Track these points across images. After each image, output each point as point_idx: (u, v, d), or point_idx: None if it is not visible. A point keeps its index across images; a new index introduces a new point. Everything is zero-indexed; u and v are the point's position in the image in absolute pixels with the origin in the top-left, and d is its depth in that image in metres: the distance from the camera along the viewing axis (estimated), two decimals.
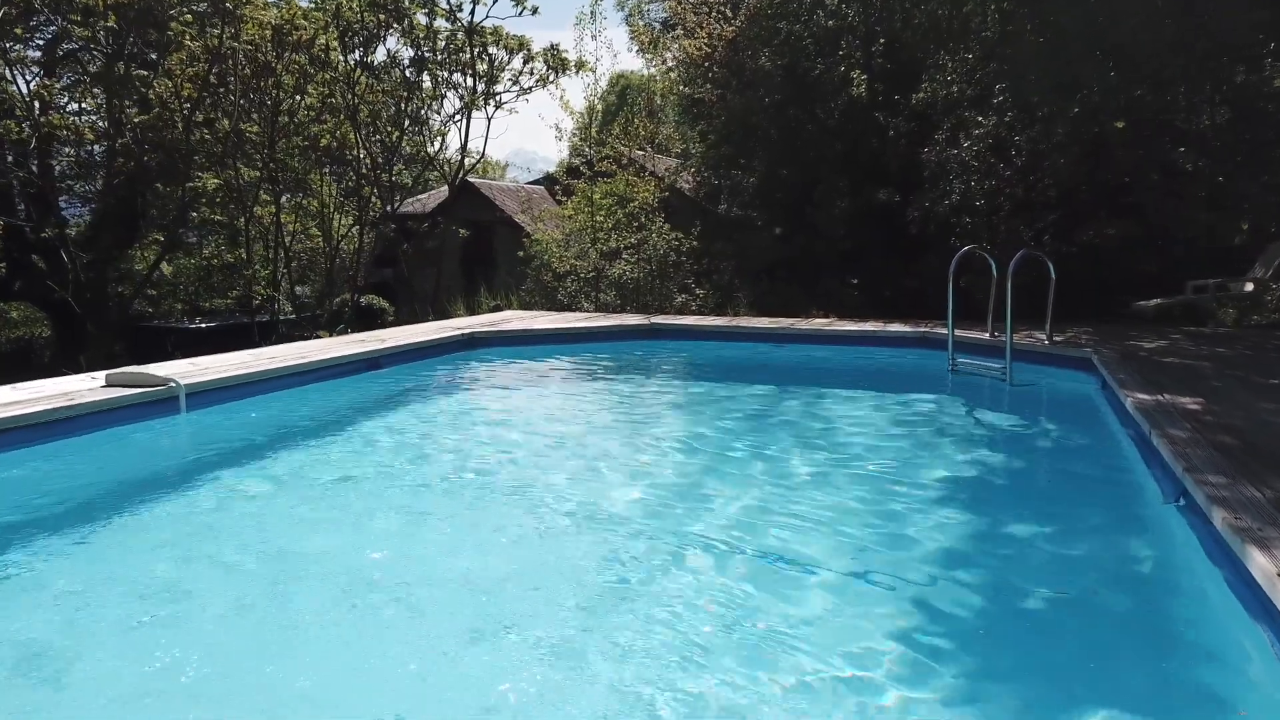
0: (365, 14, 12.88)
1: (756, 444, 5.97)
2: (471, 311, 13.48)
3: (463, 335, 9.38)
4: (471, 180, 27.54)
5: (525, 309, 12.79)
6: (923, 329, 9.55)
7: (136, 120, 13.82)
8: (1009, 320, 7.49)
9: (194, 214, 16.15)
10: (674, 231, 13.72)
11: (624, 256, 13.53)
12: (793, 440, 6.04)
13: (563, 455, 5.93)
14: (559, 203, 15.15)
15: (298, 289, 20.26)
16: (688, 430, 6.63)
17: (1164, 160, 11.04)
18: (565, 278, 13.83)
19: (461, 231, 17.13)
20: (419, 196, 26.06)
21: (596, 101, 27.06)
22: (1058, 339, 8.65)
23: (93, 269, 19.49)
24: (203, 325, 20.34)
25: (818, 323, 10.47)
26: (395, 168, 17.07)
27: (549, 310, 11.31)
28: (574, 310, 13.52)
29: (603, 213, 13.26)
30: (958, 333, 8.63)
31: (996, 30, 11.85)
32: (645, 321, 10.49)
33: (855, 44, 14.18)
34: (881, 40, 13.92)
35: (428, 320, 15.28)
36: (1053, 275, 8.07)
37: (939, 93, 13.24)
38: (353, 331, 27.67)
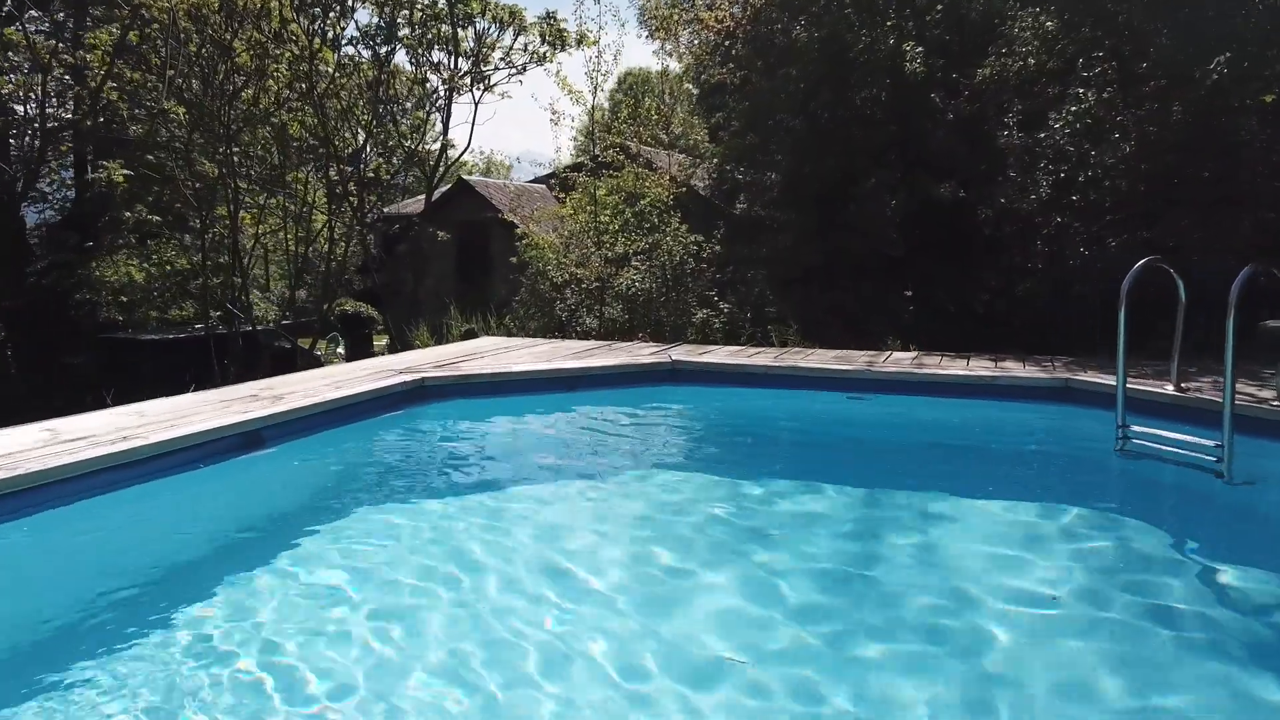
0: None
1: (859, 608, 3.43)
2: (439, 338, 11.29)
3: (406, 385, 6.49)
4: (466, 178, 25.46)
5: (506, 335, 10.54)
6: (1060, 374, 6.50)
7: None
8: (1229, 368, 4.31)
9: (128, 214, 14.06)
10: (692, 234, 11.55)
11: (633, 263, 11.37)
12: (915, 613, 3.35)
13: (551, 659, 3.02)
14: (559, 201, 13.03)
15: (299, 293, 18.15)
16: (750, 576, 3.73)
17: None
18: (564, 288, 11.69)
19: (440, 234, 14.98)
20: (419, 197, 24.00)
21: (603, 98, 24.92)
22: (1190, 383, 6.01)
23: (45, 275, 17.51)
24: (170, 337, 18.28)
25: (901, 360, 7.27)
26: (374, 161, 14.94)
27: (536, 338, 8.77)
28: (572, 331, 11.37)
29: (608, 211, 11.10)
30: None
31: None
32: (664, 359, 7.43)
33: (906, 11, 11.99)
34: (939, 6, 11.72)
35: (414, 336, 13.18)
36: (1182, 297, 5.69)
37: (1010, 66, 11.05)
38: (344, 343, 25.64)
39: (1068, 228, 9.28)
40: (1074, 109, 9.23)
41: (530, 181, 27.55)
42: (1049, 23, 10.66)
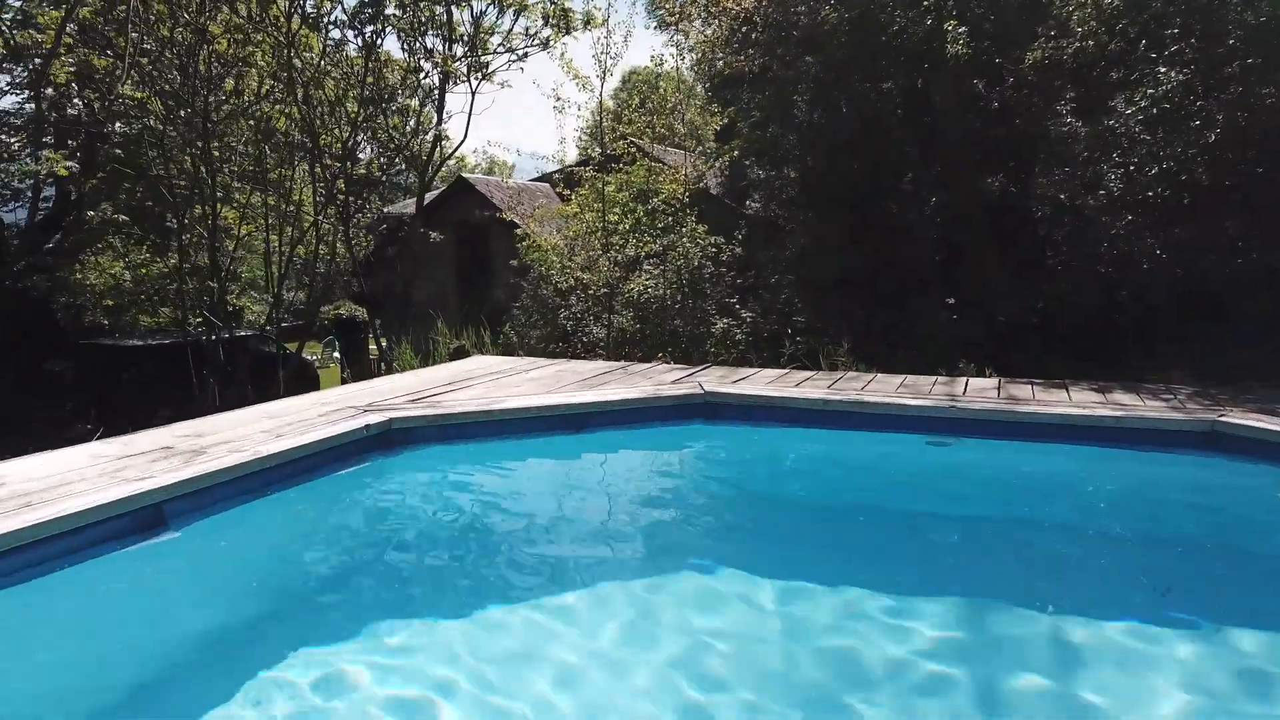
0: None
1: None
2: (425, 358, 10.12)
3: (369, 431, 5.10)
4: (466, 176, 24.39)
5: (503, 353, 9.35)
6: (1199, 413, 5.11)
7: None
8: None
9: (91, 214, 12.98)
10: (711, 235, 10.46)
11: (645, 267, 10.30)
12: None
13: None
14: (564, 199, 11.92)
15: (298, 295, 17.05)
16: None
17: None
18: (569, 294, 10.63)
19: (433, 235, 13.91)
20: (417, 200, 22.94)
21: (612, 84, 23.83)
22: None
23: (22, 277, 16.47)
24: (152, 343, 17.19)
25: (984, 390, 6.04)
26: (364, 158, 13.85)
27: (537, 357, 7.28)
28: (578, 343, 10.29)
29: (617, 210, 10.03)
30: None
31: None
32: (694, 389, 5.90)
33: None
34: None
35: (396, 355, 12.07)
36: None
37: (1064, 49, 9.97)
38: (339, 346, 24.48)
39: (1138, 225, 8.19)
40: (1151, 92, 8.13)
41: (533, 180, 26.49)
42: None
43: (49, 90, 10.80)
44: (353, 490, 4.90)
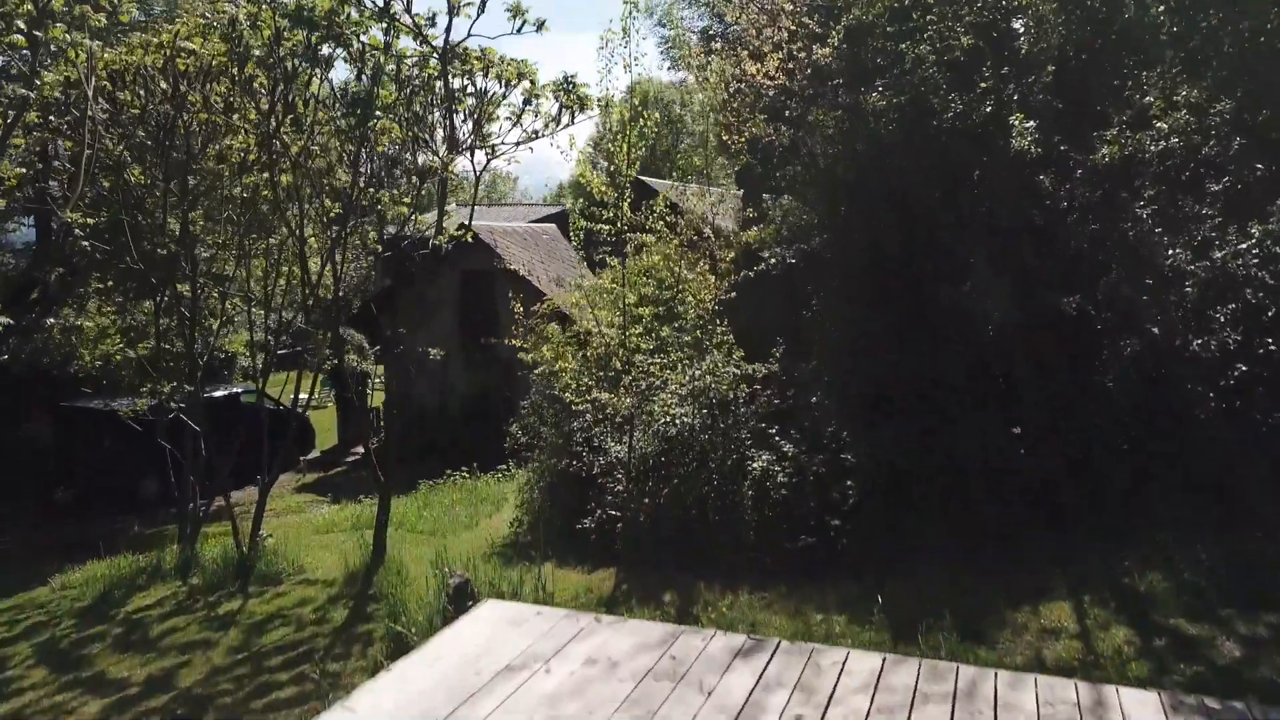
0: (285, 33, 8.49)
1: None
2: (428, 509, 8.96)
3: None
4: (472, 226, 23.26)
5: (527, 599, 7.66)
6: None
7: None
8: None
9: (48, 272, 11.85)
10: (740, 351, 9.29)
11: (671, 387, 9.14)
12: None
13: None
14: (570, 240, 10.67)
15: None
16: None
17: None
18: (582, 414, 9.51)
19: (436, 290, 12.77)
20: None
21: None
22: None
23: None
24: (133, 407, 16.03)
25: None
26: (356, 230, 12.68)
27: (579, 615, 4.98)
28: (594, 471, 9.15)
29: (638, 330, 8.87)
30: None
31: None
32: None
33: (1004, 69, 9.72)
34: (1050, 68, 9.45)
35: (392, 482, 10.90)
36: None
37: (1144, 145, 8.80)
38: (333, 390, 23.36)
39: (1256, 378, 7.02)
40: (1272, 227, 6.96)
41: (539, 221, 25.35)
42: (1190, 92, 8.38)
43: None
44: None
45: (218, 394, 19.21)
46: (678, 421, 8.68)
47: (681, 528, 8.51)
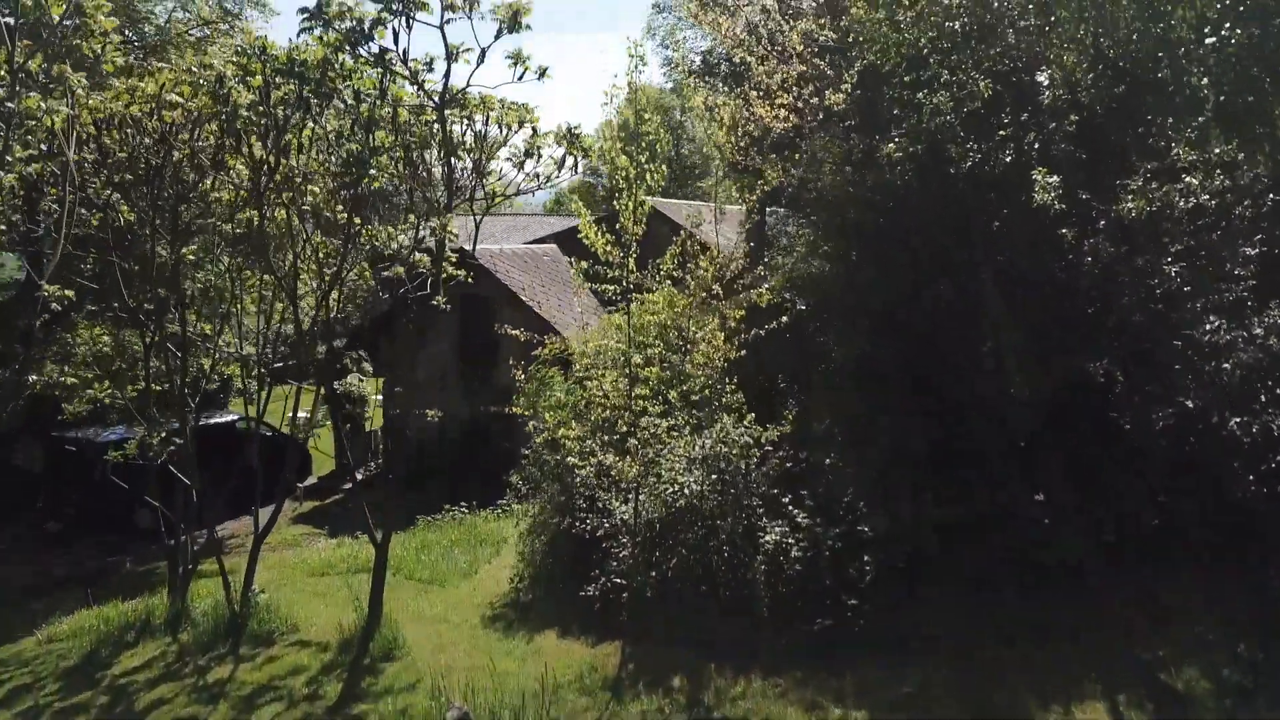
0: (274, 88, 8.11)
1: None
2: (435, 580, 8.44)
3: None
4: (467, 249, 22.88)
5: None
6: None
7: None
8: None
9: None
10: (750, 414, 8.91)
11: (679, 449, 8.77)
12: None
13: None
14: (573, 260, 10.20)
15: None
16: None
17: None
18: (586, 475, 9.14)
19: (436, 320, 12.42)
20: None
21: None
22: None
23: None
24: (125, 436, 15.60)
25: None
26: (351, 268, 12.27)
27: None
28: (598, 535, 8.78)
29: (646, 392, 8.48)
30: None
31: None
32: None
33: (1023, 115, 9.35)
34: (1073, 117, 9.07)
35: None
36: None
37: (1173, 200, 8.44)
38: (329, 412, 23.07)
39: None
40: None
41: (536, 242, 24.93)
42: (1225, 149, 8.01)
43: None
44: None
45: (213, 421, 18.81)
46: (686, 490, 8.30)
47: (690, 602, 8.14)
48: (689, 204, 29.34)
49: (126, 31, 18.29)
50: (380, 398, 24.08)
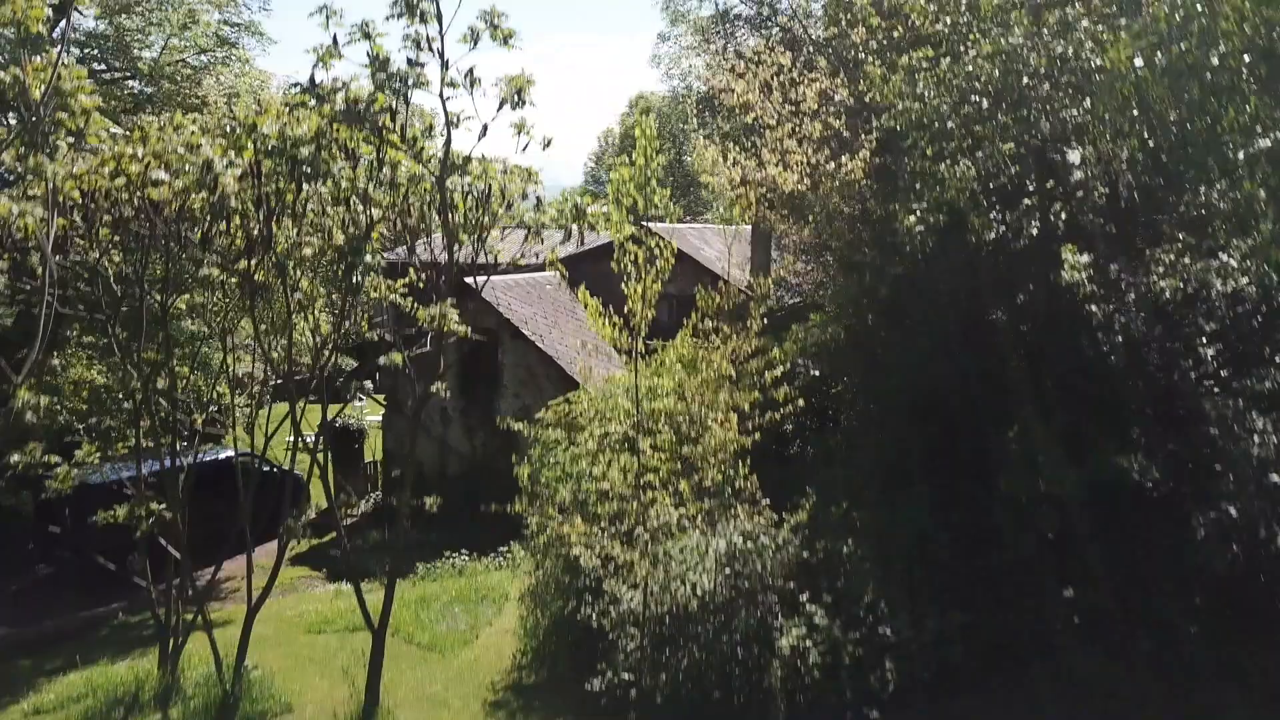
0: (265, 170, 7.72)
1: None
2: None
3: None
4: (466, 281, 22.51)
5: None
6: None
7: None
8: None
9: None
10: (765, 499, 8.50)
11: (690, 544, 8.36)
12: None
13: None
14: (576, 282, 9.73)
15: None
16: None
17: None
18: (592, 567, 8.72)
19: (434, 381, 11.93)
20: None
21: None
22: None
23: None
24: (122, 478, 15.15)
25: None
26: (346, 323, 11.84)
27: None
28: (605, 627, 8.38)
29: (655, 480, 8.08)
30: None
31: None
32: None
33: (1048, 183, 8.92)
34: (1104, 189, 8.64)
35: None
36: None
37: (1209, 280, 8.00)
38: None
39: None
40: None
41: (535, 270, 24.46)
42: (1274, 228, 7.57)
43: None
44: None
45: (207, 459, 18.38)
46: (698, 591, 7.88)
47: (703, 710, 7.72)
48: (694, 228, 28.92)
49: (118, 65, 17.90)
50: (378, 419, 23.68)
